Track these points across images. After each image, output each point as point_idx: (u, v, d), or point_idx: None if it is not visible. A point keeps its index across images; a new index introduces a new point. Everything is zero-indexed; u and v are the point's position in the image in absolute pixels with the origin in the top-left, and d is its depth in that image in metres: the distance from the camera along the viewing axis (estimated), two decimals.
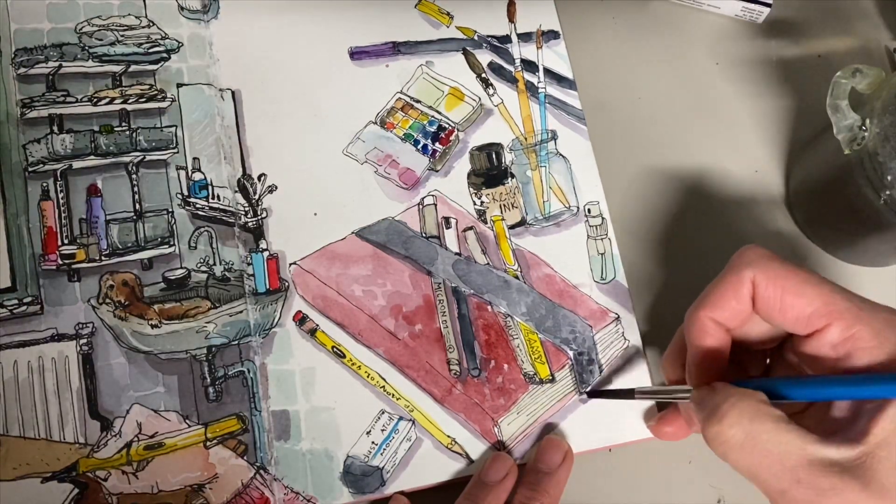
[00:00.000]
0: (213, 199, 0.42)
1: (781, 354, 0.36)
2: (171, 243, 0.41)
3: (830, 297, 0.31)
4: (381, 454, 0.39)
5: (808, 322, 0.31)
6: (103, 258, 0.40)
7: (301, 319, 0.41)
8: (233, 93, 0.44)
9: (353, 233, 0.43)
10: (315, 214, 0.43)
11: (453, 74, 0.46)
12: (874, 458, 0.28)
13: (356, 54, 0.46)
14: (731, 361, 0.35)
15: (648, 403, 0.41)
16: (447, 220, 0.43)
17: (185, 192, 0.42)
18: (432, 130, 0.45)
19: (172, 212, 0.42)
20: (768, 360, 0.37)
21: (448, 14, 0.47)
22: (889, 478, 0.28)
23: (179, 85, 0.43)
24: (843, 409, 0.31)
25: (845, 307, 0.31)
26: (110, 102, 0.42)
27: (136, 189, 0.42)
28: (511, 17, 0.48)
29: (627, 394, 0.39)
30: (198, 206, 0.42)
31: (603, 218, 0.44)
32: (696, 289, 0.35)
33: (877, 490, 0.28)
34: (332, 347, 0.41)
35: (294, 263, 0.42)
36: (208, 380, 0.39)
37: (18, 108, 0.41)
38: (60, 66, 0.42)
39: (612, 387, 0.41)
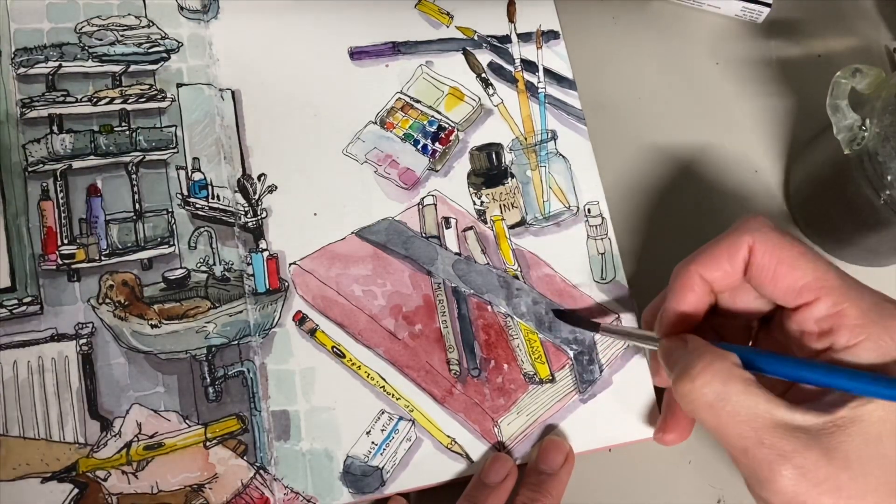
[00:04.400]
0: (212, 199, 0.42)
1: (768, 331, 0.36)
2: (171, 243, 0.41)
3: (824, 273, 0.31)
4: (381, 454, 0.39)
5: (798, 294, 0.32)
6: (103, 258, 0.40)
7: (301, 319, 0.41)
8: (233, 93, 0.44)
9: (353, 233, 0.43)
10: (315, 214, 0.43)
11: (453, 74, 0.46)
12: (844, 431, 0.29)
13: (356, 54, 0.46)
14: (713, 333, 0.35)
15: (649, 404, 0.41)
16: (447, 220, 0.43)
17: (185, 192, 0.42)
18: (432, 130, 0.45)
19: (172, 212, 0.42)
20: (751, 343, 0.37)
21: (448, 14, 0.47)
22: (856, 452, 0.28)
23: (179, 85, 0.43)
24: None
25: (836, 284, 0.31)
26: (110, 102, 0.42)
27: (135, 189, 0.42)
28: (511, 17, 0.48)
29: (593, 326, 0.39)
30: (198, 206, 0.42)
31: (603, 218, 0.44)
32: None
33: (840, 461, 0.28)
34: (332, 347, 0.41)
35: (294, 263, 0.42)
36: (208, 380, 0.39)
37: (18, 108, 0.41)
38: (60, 66, 0.42)
39: (612, 386, 0.41)
